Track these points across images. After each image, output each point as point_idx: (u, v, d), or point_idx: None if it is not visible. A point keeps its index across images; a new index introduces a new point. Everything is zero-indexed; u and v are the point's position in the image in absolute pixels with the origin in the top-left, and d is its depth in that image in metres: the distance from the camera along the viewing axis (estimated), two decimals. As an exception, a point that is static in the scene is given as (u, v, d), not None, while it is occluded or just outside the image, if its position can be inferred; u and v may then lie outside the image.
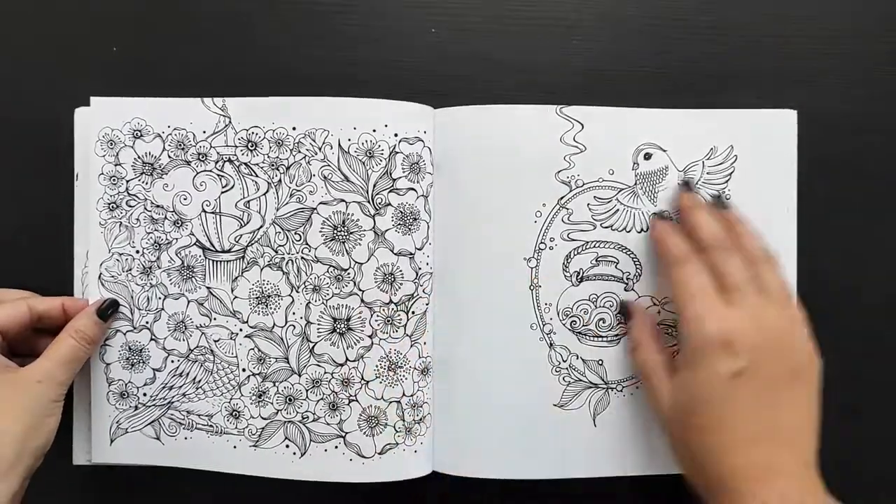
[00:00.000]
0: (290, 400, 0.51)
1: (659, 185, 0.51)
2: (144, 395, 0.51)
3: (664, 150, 0.51)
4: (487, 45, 0.53)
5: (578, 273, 0.51)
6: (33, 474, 0.45)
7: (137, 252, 0.51)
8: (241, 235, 0.51)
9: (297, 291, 0.50)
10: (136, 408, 0.51)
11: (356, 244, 0.50)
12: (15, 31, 0.54)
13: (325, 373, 0.50)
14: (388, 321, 0.50)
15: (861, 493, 0.46)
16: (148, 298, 0.51)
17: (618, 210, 0.51)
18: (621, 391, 0.51)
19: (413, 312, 0.50)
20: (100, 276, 0.51)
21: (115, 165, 0.51)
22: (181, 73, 0.54)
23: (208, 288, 0.51)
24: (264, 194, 0.51)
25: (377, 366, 0.50)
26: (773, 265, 0.46)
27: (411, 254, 0.50)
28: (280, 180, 0.50)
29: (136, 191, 0.51)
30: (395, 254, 0.50)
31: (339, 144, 0.50)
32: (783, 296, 0.45)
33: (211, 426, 0.51)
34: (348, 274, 0.50)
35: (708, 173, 0.51)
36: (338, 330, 0.50)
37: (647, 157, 0.51)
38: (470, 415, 0.51)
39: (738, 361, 0.42)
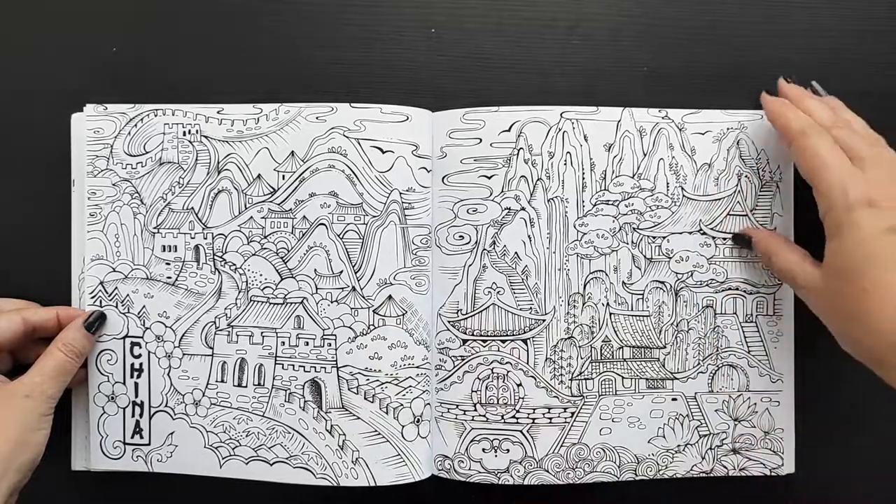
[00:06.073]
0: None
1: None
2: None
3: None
4: (487, 45, 0.53)
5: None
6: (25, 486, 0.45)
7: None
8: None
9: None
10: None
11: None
12: (15, 31, 0.53)
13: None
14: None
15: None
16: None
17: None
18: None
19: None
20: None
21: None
22: (180, 74, 0.53)
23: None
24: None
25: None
26: (885, 144, 0.46)
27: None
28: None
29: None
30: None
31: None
32: None
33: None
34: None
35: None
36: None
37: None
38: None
39: (888, 218, 0.42)
